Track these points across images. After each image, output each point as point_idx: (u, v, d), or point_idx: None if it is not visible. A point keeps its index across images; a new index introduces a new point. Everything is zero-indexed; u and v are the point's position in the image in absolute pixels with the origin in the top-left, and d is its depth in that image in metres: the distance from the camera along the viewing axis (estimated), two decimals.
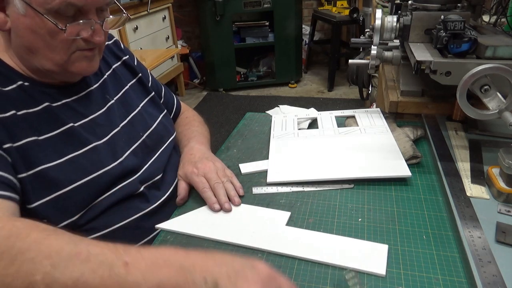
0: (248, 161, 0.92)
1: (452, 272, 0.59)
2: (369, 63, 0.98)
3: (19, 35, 0.68)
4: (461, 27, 0.79)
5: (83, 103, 0.79)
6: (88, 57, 0.73)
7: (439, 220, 0.69)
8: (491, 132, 0.93)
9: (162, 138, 0.92)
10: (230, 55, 3.72)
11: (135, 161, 0.82)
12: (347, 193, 0.78)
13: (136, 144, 0.85)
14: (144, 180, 0.82)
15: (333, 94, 3.74)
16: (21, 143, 0.66)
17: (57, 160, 0.70)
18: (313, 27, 4.03)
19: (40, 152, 0.68)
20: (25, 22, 0.65)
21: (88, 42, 0.71)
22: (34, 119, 0.69)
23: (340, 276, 0.59)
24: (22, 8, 0.64)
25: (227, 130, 3.00)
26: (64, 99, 0.75)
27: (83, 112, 0.78)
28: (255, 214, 0.75)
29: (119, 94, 0.87)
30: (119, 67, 0.92)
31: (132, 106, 0.89)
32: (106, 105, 0.83)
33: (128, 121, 0.86)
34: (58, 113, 0.73)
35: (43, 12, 0.64)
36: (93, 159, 0.74)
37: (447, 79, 0.79)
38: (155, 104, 0.96)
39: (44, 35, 0.66)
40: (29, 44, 0.68)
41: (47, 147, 0.69)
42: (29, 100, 0.70)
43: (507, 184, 0.71)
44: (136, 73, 0.95)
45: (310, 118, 1.10)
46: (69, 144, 0.72)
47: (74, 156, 0.72)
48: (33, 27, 0.66)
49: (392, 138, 0.92)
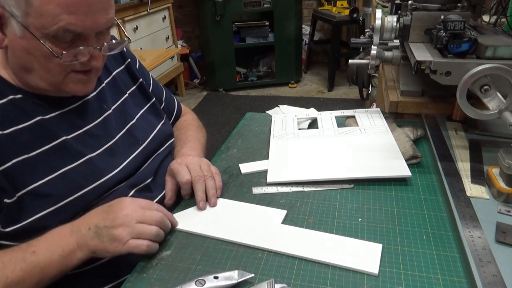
0: (248, 161, 0.92)
1: (452, 272, 0.59)
2: (369, 63, 0.98)
3: (15, 54, 0.67)
4: (461, 27, 0.79)
5: (78, 114, 0.77)
6: (83, 80, 0.72)
7: (439, 220, 0.69)
8: (491, 132, 0.93)
9: (159, 145, 0.92)
10: (230, 55, 3.72)
11: (132, 169, 0.82)
12: (347, 193, 0.78)
13: (135, 153, 0.84)
14: (134, 185, 0.81)
15: (333, 94, 3.74)
16: (9, 164, 0.66)
17: (49, 175, 0.69)
18: (313, 27, 4.03)
19: (31, 171, 0.68)
20: (22, 43, 0.65)
21: (85, 65, 0.70)
22: (24, 135, 0.68)
23: (339, 276, 0.59)
24: (20, 30, 0.63)
25: (227, 130, 3.00)
26: (58, 110, 0.74)
27: (78, 123, 0.77)
28: (251, 212, 0.75)
29: (117, 103, 0.86)
30: (120, 73, 0.91)
31: (130, 115, 0.88)
32: (103, 115, 0.81)
33: (126, 130, 0.85)
34: (50, 127, 0.72)
35: (40, 37, 0.63)
36: (86, 172, 0.74)
37: (447, 79, 0.79)
38: (155, 111, 0.96)
39: (39, 57, 0.66)
40: (24, 64, 0.68)
41: (38, 163, 0.68)
42: (20, 115, 0.69)
43: (507, 184, 0.71)
44: (137, 79, 0.94)
45: (310, 118, 1.10)
46: (62, 157, 0.71)
47: (66, 170, 0.71)
48: (29, 49, 0.65)
49: (392, 138, 0.92)
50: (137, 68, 0.96)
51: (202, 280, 0.57)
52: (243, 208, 0.76)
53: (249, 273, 0.59)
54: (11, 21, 0.63)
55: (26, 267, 0.62)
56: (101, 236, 0.64)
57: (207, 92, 3.90)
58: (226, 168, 0.91)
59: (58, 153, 0.71)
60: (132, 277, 0.62)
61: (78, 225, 0.66)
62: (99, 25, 0.67)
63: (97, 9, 0.65)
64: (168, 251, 0.67)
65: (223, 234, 0.69)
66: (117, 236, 0.63)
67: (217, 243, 0.68)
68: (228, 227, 0.71)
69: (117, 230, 0.64)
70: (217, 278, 0.58)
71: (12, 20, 0.63)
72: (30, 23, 0.62)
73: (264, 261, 0.63)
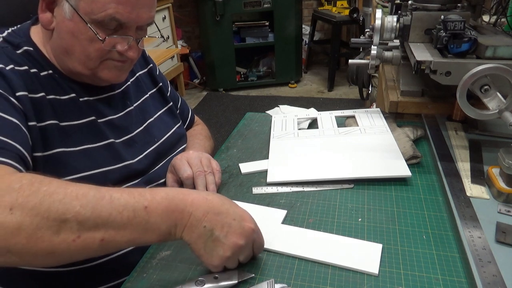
0: (248, 161, 0.92)
1: (452, 272, 0.59)
2: (369, 63, 0.97)
3: (60, 36, 0.72)
4: (461, 27, 0.79)
5: (104, 103, 0.81)
6: (118, 67, 0.77)
7: (439, 220, 0.69)
8: (491, 132, 0.93)
9: (174, 146, 0.94)
10: (230, 55, 3.72)
11: (145, 165, 0.84)
12: (347, 193, 0.78)
13: (149, 149, 0.87)
14: (149, 182, 0.83)
15: (333, 94, 3.74)
16: (44, 124, 0.70)
17: (73, 147, 0.73)
18: (313, 27, 4.03)
19: (59, 136, 0.71)
20: (69, 25, 0.70)
21: (122, 55, 0.74)
22: (59, 106, 0.73)
23: (339, 276, 0.59)
24: (69, 13, 0.69)
25: (227, 130, 3.00)
26: (86, 96, 0.78)
27: (104, 111, 0.81)
28: (251, 212, 0.74)
29: (139, 101, 0.90)
30: (143, 75, 0.95)
31: (149, 114, 0.92)
32: (125, 110, 0.85)
33: (144, 127, 0.88)
34: (82, 106, 0.76)
35: (88, 21, 0.69)
36: (106, 155, 0.77)
37: (447, 79, 0.79)
38: (172, 114, 0.99)
39: (83, 40, 0.70)
40: (67, 46, 0.72)
41: (65, 133, 0.73)
42: (58, 88, 0.74)
43: (507, 184, 0.71)
44: (157, 83, 0.98)
45: (310, 118, 1.10)
46: (87, 135, 0.76)
47: (89, 147, 0.75)
48: (75, 32, 0.70)
49: (392, 138, 0.92)
50: (158, 74, 1.00)
51: (202, 280, 0.57)
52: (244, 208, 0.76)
53: (249, 273, 0.59)
54: (63, 4, 0.69)
55: (133, 219, 0.54)
56: (207, 245, 0.57)
57: (207, 92, 3.90)
58: (226, 167, 0.91)
59: (86, 130, 0.76)
60: (132, 277, 0.62)
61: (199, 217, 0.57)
62: (142, 19, 0.72)
63: (143, 4, 0.71)
64: (168, 251, 0.67)
65: None
66: (217, 261, 0.57)
67: None
68: None
69: (222, 256, 0.57)
70: (217, 278, 0.58)
71: (65, 3, 0.69)
72: (81, 7, 0.68)
73: (264, 261, 0.63)
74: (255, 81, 3.94)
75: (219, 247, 0.57)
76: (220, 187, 0.83)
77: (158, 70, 1.02)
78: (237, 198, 0.79)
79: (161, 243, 0.67)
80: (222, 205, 0.59)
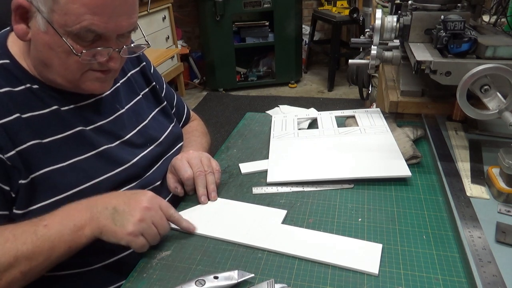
0: (248, 161, 0.93)
1: (452, 272, 0.59)
2: (369, 63, 0.97)
3: (37, 49, 0.69)
4: (461, 27, 0.79)
5: (92, 109, 0.79)
6: (101, 79, 0.74)
7: (439, 220, 0.69)
8: (491, 132, 0.93)
9: (170, 147, 0.92)
10: (230, 55, 3.72)
11: (142, 167, 0.83)
12: (347, 193, 0.78)
13: (146, 151, 0.85)
14: (145, 185, 0.82)
15: (333, 94, 3.74)
16: (24, 146, 0.67)
17: (61, 163, 0.70)
18: (313, 27, 4.02)
19: (44, 155, 0.69)
20: (44, 38, 0.66)
21: (103, 65, 0.71)
22: (40, 122, 0.70)
23: (339, 276, 0.59)
24: (43, 25, 0.65)
25: (227, 130, 3.00)
26: (73, 104, 0.75)
27: (92, 117, 0.78)
28: (251, 211, 0.75)
29: (131, 103, 0.87)
30: (135, 74, 0.92)
31: (142, 116, 0.89)
32: (115, 114, 0.82)
33: (138, 130, 0.86)
34: (66, 117, 0.73)
35: (62, 33, 0.65)
36: (98, 164, 0.75)
37: (447, 79, 0.79)
38: (166, 114, 0.97)
39: (60, 53, 0.67)
40: (44, 59, 0.69)
41: (51, 150, 0.70)
42: (37, 102, 0.71)
43: (507, 184, 0.71)
44: (151, 82, 0.95)
45: (310, 118, 1.10)
46: (76, 147, 0.73)
47: (79, 159, 0.73)
48: (51, 45, 0.66)
49: (392, 138, 0.92)
50: (152, 72, 0.97)
51: (202, 280, 0.57)
52: (243, 208, 0.76)
53: (249, 273, 0.59)
54: (36, 15, 0.65)
55: (37, 241, 0.61)
56: (116, 219, 0.64)
57: (207, 92, 3.90)
58: (226, 167, 0.91)
59: (73, 142, 0.73)
60: (132, 277, 0.62)
61: (96, 202, 0.66)
62: (121, 28, 0.68)
63: (121, 12, 0.66)
64: (168, 251, 0.67)
65: (223, 234, 0.69)
66: (131, 226, 0.64)
67: (217, 243, 0.68)
68: (228, 227, 0.71)
69: (133, 220, 0.64)
70: (217, 278, 0.58)
71: (38, 15, 0.65)
72: (55, 20, 0.64)
73: (264, 261, 0.63)
74: (255, 81, 3.94)
75: (127, 214, 0.64)
76: (220, 187, 0.83)
77: (153, 67, 0.99)
78: (237, 198, 0.79)
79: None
80: (118, 195, 0.70)
